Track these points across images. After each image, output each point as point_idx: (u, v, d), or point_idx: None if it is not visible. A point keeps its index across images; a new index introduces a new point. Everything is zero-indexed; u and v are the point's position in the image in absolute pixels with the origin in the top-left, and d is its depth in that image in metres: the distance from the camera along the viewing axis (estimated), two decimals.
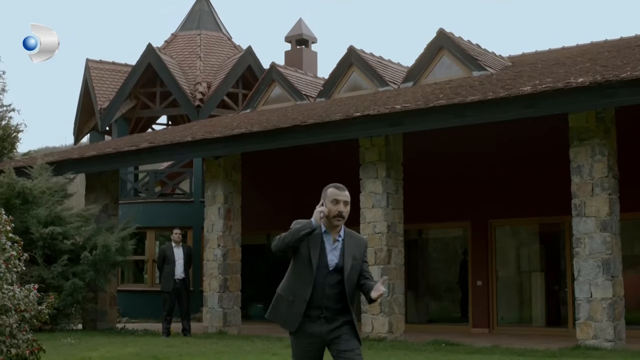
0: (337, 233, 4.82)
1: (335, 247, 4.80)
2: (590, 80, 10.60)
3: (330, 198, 4.77)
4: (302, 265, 4.75)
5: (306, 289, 4.72)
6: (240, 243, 15.43)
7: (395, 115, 12.29)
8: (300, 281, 4.75)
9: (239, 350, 11.10)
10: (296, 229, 4.69)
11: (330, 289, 4.74)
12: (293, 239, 4.66)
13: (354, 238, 4.90)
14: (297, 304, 4.73)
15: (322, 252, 4.75)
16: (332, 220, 4.76)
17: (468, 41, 17.77)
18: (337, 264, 4.76)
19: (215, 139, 14.40)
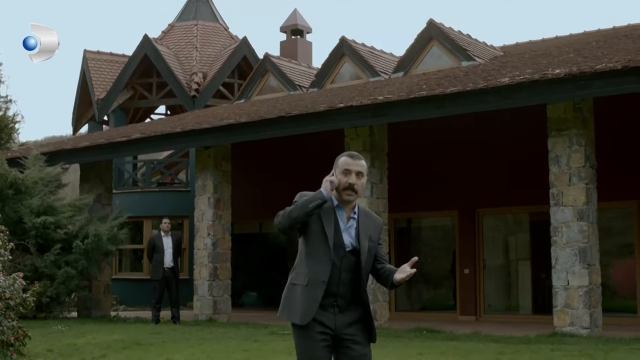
0: (352, 210, 4.19)
1: (349, 226, 4.16)
2: (566, 72, 10.76)
3: (341, 168, 4.13)
4: (315, 243, 4.09)
5: (323, 269, 4.06)
6: (230, 232, 15.66)
7: (377, 107, 12.47)
8: (314, 260, 4.08)
9: (222, 337, 11.34)
10: (304, 201, 4.01)
11: (346, 273, 4.10)
12: (302, 212, 3.99)
13: (369, 217, 4.26)
14: (313, 288, 4.04)
15: (336, 228, 4.11)
16: (342, 194, 4.11)
17: (458, 31, 17.90)
18: (353, 245, 4.13)
19: (203, 130, 14.62)
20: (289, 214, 4.03)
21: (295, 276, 4.17)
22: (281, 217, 4.08)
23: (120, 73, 22.79)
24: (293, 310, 4.09)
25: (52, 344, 10.82)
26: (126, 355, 9.59)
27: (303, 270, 4.11)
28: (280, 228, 4.10)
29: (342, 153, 4.24)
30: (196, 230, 15.55)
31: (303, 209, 3.99)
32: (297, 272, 4.17)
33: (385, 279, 4.18)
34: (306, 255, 4.12)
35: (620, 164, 14.06)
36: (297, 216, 4.01)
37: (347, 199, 4.13)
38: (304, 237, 4.12)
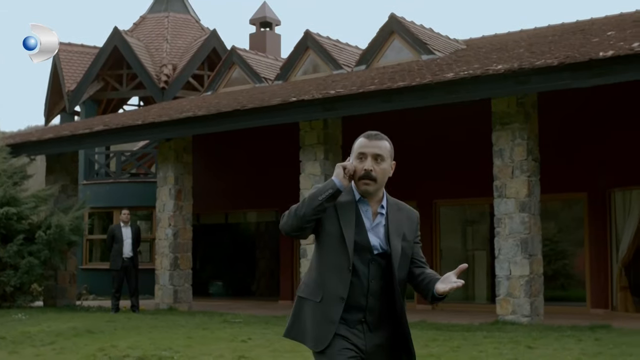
0: (378, 203, 3.41)
1: (377, 224, 3.39)
2: (507, 67, 11.08)
3: (356, 152, 3.40)
4: (331, 247, 3.32)
5: (342, 282, 3.28)
6: (191, 223, 15.93)
7: (329, 100, 12.77)
8: (330, 270, 3.31)
9: (173, 325, 11.64)
10: (312, 193, 3.30)
11: (376, 282, 3.34)
12: (310, 208, 3.24)
13: (403, 211, 3.49)
14: (329, 305, 3.28)
15: (359, 228, 3.34)
16: (358, 185, 3.37)
17: (420, 25, 18.20)
18: (383, 248, 3.36)
19: (163, 122, 14.88)
20: (295, 212, 3.26)
21: (305, 288, 3.40)
22: (287, 217, 3.31)
23: (90, 65, 22.96)
24: (304, 331, 3.34)
25: (7, 331, 11.11)
26: (74, 342, 9.88)
27: (315, 282, 3.34)
28: (288, 230, 3.30)
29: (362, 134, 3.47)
30: (157, 220, 15.83)
31: (311, 203, 3.24)
32: (306, 283, 3.41)
33: (424, 289, 3.39)
34: (320, 262, 3.35)
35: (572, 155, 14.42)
36: (305, 213, 3.23)
37: (364, 190, 3.36)
38: (318, 240, 3.37)
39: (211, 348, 9.07)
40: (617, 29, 14.05)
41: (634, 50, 10.20)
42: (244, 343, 9.46)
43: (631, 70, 10.21)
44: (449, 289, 3.24)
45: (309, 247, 13.68)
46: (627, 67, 10.20)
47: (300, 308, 3.39)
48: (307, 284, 3.41)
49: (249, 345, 9.24)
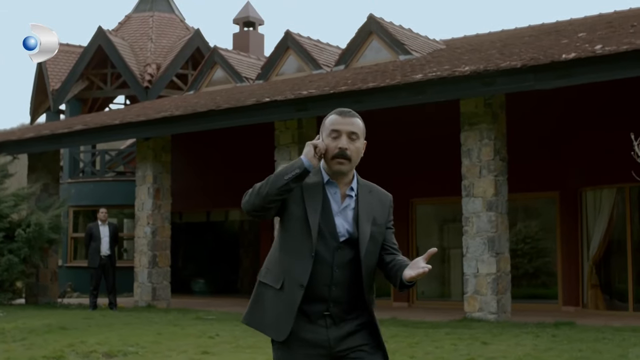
0: (348, 185, 3.18)
1: (345, 207, 3.16)
2: (471, 69, 11.29)
3: (328, 129, 3.17)
4: (294, 231, 3.10)
5: (302, 268, 3.07)
6: (169, 221, 16.11)
7: (301, 101, 12.96)
8: (291, 256, 3.11)
9: (146, 322, 11.83)
10: (278, 172, 3.08)
11: (341, 271, 3.10)
12: (274, 187, 3.01)
13: (374, 193, 3.25)
14: (289, 293, 3.09)
15: (325, 212, 3.11)
16: (331, 164, 3.13)
17: (400, 26, 18.42)
18: (350, 233, 3.12)
19: (140, 122, 15.06)
20: (259, 191, 3.04)
21: (266, 273, 3.20)
22: (249, 195, 3.08)
23: (74, 64, 23.11)
24: (263, 319, 3.16)
25: None
26: (45, 339, 10.06)
27: (276, 268, 3.15)
28: (249, 209, 3.08)
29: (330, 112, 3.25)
30: (137, 219, 16.01)
31: (276, 182, 3.01)
32: (268, 268, 3.20)
33: (393, 276, 3.16)
34: (281, 247, 3.14)
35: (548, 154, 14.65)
36: (268, 192, 3.00)
37: (337, 169, 3.12)
38: (282, 223, 3.14)
39: (178, 344, 9.27)
40: (589, 30, 14.29)
41: (595, 53, 10.41)
42: (210, 339, 9.65)
43: (591, 72, 10.42)
44: (416, 274, 2.99)
45: None
46: (588, 69, 10.41)
47: (260, 294, 3.19)
48: (268, 269, 3.19)
49: (215, 342, 9.44)
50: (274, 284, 3.14)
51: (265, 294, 3.17)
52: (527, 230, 16.07)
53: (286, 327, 3.08)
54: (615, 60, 10.23)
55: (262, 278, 3.22)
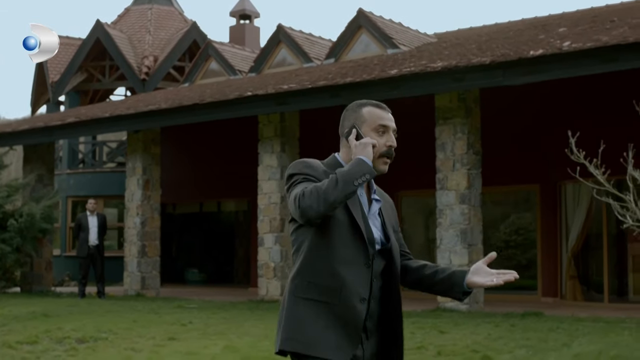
0: (368, 188, 2.97)
1: (373, 213, 2.94)
2: (443, 65, 11.54)
3: (373, 123, 2.90)
4: (342, 238, 2.80)
5: (361, 280, 2.81)
6: (159, 212, 16.46)
7: (281, 95, 13.26)
8: (347, 268, 2.79)
9: (128, 310, 12.20)
10: (345, 175, 2.71)
11: (377, 282, 2.88)
12: (344, 193, 2.69)
13: (384, 197, 3.05)
14: (350, 307, 2.78)
15: (365, 218, 2.88)
16: (377, 163, 2.88)
17: (389, 20, 18.66)
18: (382, 241, 2.91)
19: (129, 115, 15.39)
20: (324, 196, 2.67)
21: (308, 287, 2.81)
22: (310, 200, 2.69)
23: (73, 57, 23.47)
24: (316, 340, 2.75)
25: None
26: (25, 325, 10.43)
27: (325, 281, 2.78)
28: (312, 216, 2.70)
29: (357, 102, 3.01)
30: (126, 210, 16.37)
31: (346, 188, 2.68)
32: (309, 281, 2.81)
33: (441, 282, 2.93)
34: (329, 256, 2.78)
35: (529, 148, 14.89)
36: (336, 199, 2.68)
37: (382, 170, 2.90)
38: (320, 227, 2.79)
39: (149, 330, 9.61)
40: (572, 25, 14.47)
41: (561, 50, 10.64)
42: (182, 326, 10.00)
43: (557, 69, 10.65)
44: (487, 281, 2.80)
45: (266, 236, 14.19)
46: (554, 65, 10.64)
47: (305, 313, 2.77)
48: (310, 282, 2.79)
49: (186, 329, 9.78)
50: (328, 298, 2.76)
51: (313, 312, 2.77)
52: (521, 222, 16.31)
53: (354, 345, 2.77)
54: (580, 57, 10.45)
55: (303, 293, 2.80)
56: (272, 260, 13.98)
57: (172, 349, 8.07)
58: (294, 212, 2.76)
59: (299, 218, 2.74)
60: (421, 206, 17.57)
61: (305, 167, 2.85)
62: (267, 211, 14.01)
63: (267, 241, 14.11)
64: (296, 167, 2.86)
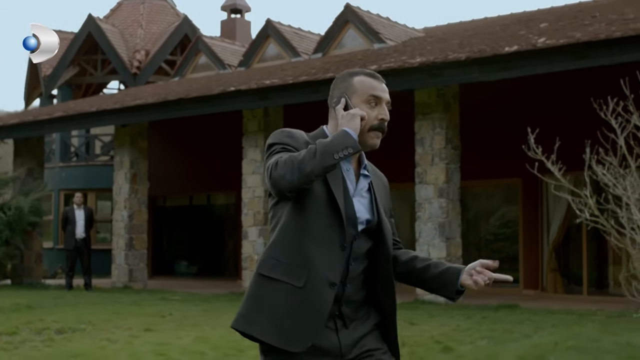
0: (358, 162, 2.68)
1: (361, 189, 2.64)
2: (421, 61, 11.71)
3: (365, 93, 2.64)
4: (317, 215, 2.52)
5: (332, 262, 2.53)
6: (146, 205, 16.66)
7: (263, 90, 13.43)
8: (318, 247, 2.52)
9: (112, 301, 12.41)
10: (325, 146, 2.44)
11: (356, 265, 2.58)
12: (321, 165, 2.42)
13: (376, 174, 2.76)
14: (316, 292, 2.50)
15: (345, 194, 2.58)
16: (366, 137, 2.61)
17: (377, 15, 18.81)
18: (368, 221, 2.62)
19: (116, 110, 15.57)
20: (299, 166, 2.41)
21: (276, 266, 2.53)
22: (283, 169, 2.43)
23: (65, 51, 23.63)
24: (269, 324, 2.49)
25: None
26: (7, 317, 10.63)
27: (293, 259, 2.51)
28: (284, 187, 2.43)
29: (348, 70, 2.74)
30: (114, 203, 16.57)
31: (324, 160, 2.41)
32: (276, 259, 2.54)
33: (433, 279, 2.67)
34: (300, 234, 2.52)
35: None
36: (313, 170, 2.41)
37: (373, 144, 2.64)
38: (298, 203, 2.52)
39: (128, 322, 9.80)
40: (557, 20, 14.62)
41: (535, 46, 10.80)
42: (161, 318, 10.20)
43: (530, 65, 10.82)
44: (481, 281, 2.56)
45: (250, 230, 14.39)
46: (528, 62, 10.80)
47: (265, 292, 2.51)
48: (277, 260, 2.52)
49: (164, 320, 9.98)
50: (292, 280, 2.48)
51: (274, 293, 2.50)
52: (511, 215, 16.47)
53: (311, 335, 2.47)
54: (553, 54, 10.62)
55: (267, 271, 2.53)
56: (256, 253, 14.17)
57: (146, 340, 8.26)
58: (267, 183, 2.48)
59: (271, 189, 2.48)
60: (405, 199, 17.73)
61: (286, 137, 2.58)
62: (251, 205, 14.20)
63: (251, 234, 14.30)
64: (276, 137, 2.60)
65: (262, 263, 2.58)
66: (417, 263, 2.71)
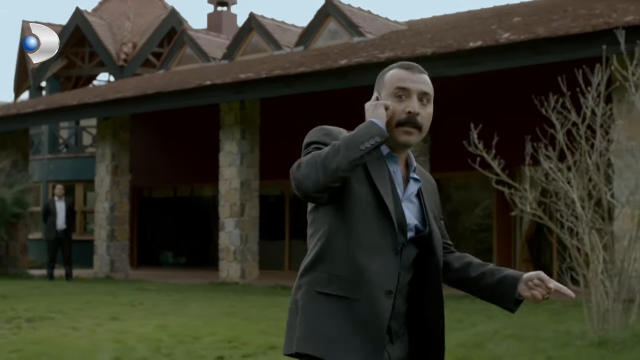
0: (406, 164, 2.46)
1: (410, 194, 2.43)
2: (386, 56, 11.95)
3: (391, 86, 2.44)
4: (364, 219, 2.32)
5: (387, 269, 2.33)
6: (128, 197, 16.94)
7: (237, 85, 13.69)
8: (368, 256, 2.31)
9: (88, 291, 12.70)
10: (349, 140, 2.26)
11: (405, 275, 2.39)
12: (347, 159, 2.22)
13: (425, 178, 2.54)
14: (374, 304, 2.30)
15: (395, 197, 2.37)
16: (395, 133, 2.37)
17: (358, 8, 19.04)
18: (418, 228, 2.41)
19: (97, 103, 15.84)
20: (324, 162, 2.21)
21: (330, 280, 2.32)
22: (307, 168, 2.23)
23: None
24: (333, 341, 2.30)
25: None
26: None
27: (344, 271, 2.31)
28: (309, 188, 2.23)
29: (389, 66, 2.54)
30: (96, 195, 16.86)
31: (349, 153, 2.22)
32: (327, 271, 2.33)
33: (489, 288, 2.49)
34: (346, 239, 2.31)
35: None
36: (339, 166, 2.21)
37: (404, 141, 2.39)
38: (339, 207, 2.32)
39: (98, 311, 10.09)
40: (531, 14, 14.83)
41: (498, 42, 11.04)
42: (131, 307, 10.49)
43: (491, 61, 11.07)
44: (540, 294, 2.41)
45: (227, 221, 14.67)
46: (489, 57, 11.05)
47: (322, 310, 2.30)
48: (331, 273, 2.31)
49: (134, 309, 10.27)
50: (348, 293, 2.29)
51: (332, 309, 2.29)
52: None
53: (377, 351, 2.30)
54: (514, 49, 10.86)
55: (323, 287, 2.31)
56: (232, 244, 14.45)
57: (109, 328, 8.53)
58: (292, 186, 2.27)
59: (296, 191, 2.25)
60: None
61: (324, 135, 2.35)
62: (228, 196, 14.47)
63: (227, 226, 14.58)
64: (314, 135, 2.38)
65: (314, 279, 2.33)
66: (472, 271, 2.51)
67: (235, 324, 8.67)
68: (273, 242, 17.67)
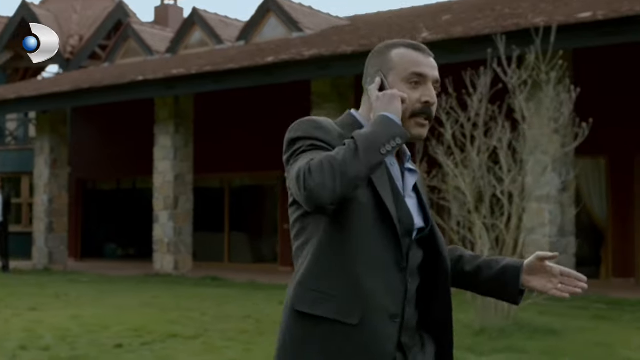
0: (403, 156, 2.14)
1: (410, 188, 2.13)
2: (310, 54, 12.29)
3: (405, 70, 2.10)
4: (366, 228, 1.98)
5: (391, 288, 1.99)
6: (66, 190, 17.11)
7: (169, 80, 13.94)
8: (369, 271, 1.97)
9: (20, 283, 12.92)
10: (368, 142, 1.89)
11: (412, 281, 2.05)
12: (368, 165, 1.88)
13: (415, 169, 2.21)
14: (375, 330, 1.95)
15: (395, 196, 2.05)
16: (410, 124, 2.07)
17: (299, 4, 19.35)
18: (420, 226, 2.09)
19: (33, 97, 15.98)
20: (342, 169, 1.85)
21: (318, 299, 1.97)
22: (322, 176, 1.84)
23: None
24: None
25: None
26: None
27: (340, 288, 1.96)
28: (324, 199, 1.84)
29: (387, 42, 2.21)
30: (35, 187, 17.00)
31: (370, 157, 1.89)
32: (317, 289, 1.97)
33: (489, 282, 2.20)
34: (341, 251, 1.97)
35: None
36: (358, 173, 1.88)
37: (418, 134, 2.10)
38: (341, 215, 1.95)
39: (21, 302, 10.32)
40: (462, 12, 15.23)
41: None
42: (55, 298, 10.74)
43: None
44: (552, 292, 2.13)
45: (161, 214, 14.93)
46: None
47: (308, 335, 1.96)
48: (321, 292, 1.96)
49: (57, 300, 10.54)
50: (342, 317, 1.94)
51: (320, 336, 1.95)
52: None
53: None
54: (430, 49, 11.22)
55: (308, 308, 1.96)
56: (166, 236, 14.72)
57: (24, 318, 8.78)
58: (298, 195, 1.90)
59: (305, 203, 1.89)
60: None
61: (315, 129, 2.01)
62: (162, 190, 14.74)
63: (162, 218, 14.84)
64: (301, 129, 2.02)
65: (298, 297, 1.97)
66: (465, 265, 2.21)
67: (147, 314, 8.98)
68: (213, 234, 17.94)
